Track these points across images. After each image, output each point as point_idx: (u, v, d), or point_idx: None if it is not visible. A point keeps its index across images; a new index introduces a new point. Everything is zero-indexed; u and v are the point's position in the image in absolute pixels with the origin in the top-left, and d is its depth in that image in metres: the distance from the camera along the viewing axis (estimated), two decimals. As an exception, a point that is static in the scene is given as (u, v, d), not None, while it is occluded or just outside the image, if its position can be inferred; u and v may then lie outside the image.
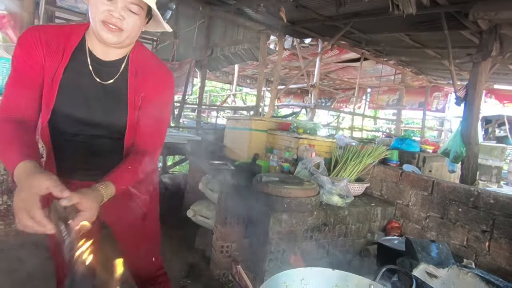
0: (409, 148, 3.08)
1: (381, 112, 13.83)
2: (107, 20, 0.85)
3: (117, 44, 0.92)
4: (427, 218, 1.77)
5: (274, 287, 0.75)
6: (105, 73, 0.98)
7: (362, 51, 5.92)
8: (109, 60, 0.98)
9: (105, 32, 0.86)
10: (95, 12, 0.85)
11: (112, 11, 0.85)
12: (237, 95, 10.59)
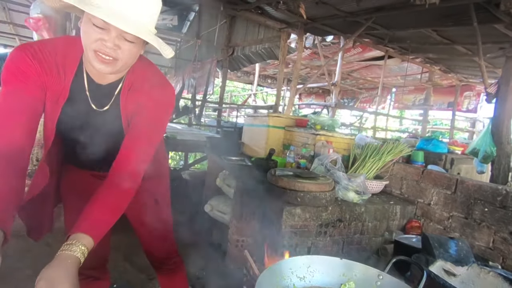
0: (435, 149, 2.94)
1: (407, 112, 13.33)
2: (100, 50, 0.77)
3: (112, 73, 0.85)
4: (449, 218, 1.69)
5: (279, 272, 0.76)
6: (101, 99, 0.93)
7: (386, 49, 5.74)
8: (105, 84, 0.92)
9: (98, 63, 0.79)
10: (86, 40, 0.78)
11: (106, 40, 0.76)
12: (258, 95, 10.62)
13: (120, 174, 0.88)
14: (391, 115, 9.65)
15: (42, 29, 3.21)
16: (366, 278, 0.80)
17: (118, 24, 0.73)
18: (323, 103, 8.52)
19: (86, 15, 0.77)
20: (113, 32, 0.76)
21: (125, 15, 0.75)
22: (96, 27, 0.75)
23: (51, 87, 0.86)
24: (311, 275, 0.80)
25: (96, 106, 0.93)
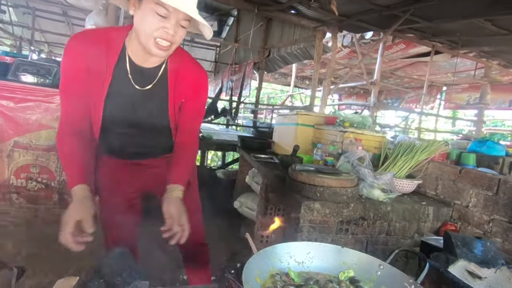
0: (490, 152, 2.66)
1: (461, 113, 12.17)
2: (162, 36, 0.88)
3: (164, 57, 0.99)
4: (490, 222, 1.53)
5: (275, 255, 0.77)
6: (144, 80, 1.04)
7: (433, 43, 5.33)
8: (148, 67, 1.03)
9: (156, 49, 0.90)
10: (148, 28, 0.87)
11: (167, 28, 0.87)
12: (296, 97, 10.55)
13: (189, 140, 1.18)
14: (441, 115, 8.88)
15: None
16: (366, 267, 0.77)
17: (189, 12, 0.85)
18: (361, 103, 8.17)
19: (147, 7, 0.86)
20: (173, 20, 0.87)
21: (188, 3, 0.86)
22: (159, 16, 0.86)
23: (98, 68, 0.98)
24: (310, 261, 0.80)
25: (139, 86, 1.04)
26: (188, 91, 1.11)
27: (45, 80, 2.26)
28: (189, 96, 1.12)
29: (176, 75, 1.07)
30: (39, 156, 2.33)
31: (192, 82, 1.11)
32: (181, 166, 1.14)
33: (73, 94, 1.02)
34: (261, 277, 0.70)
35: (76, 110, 1.04)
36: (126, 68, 1.01)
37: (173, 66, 1.06)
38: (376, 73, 5.22)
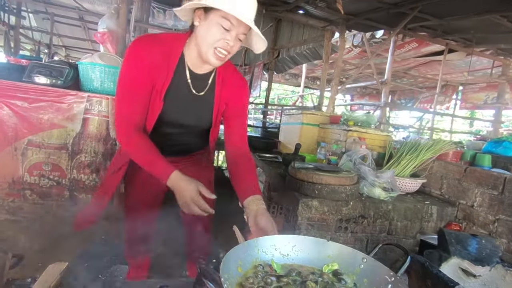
0: (507, 152, 2.57)
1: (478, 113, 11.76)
2: (222, 47, 0.96)
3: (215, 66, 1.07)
4: (495, 222, 1.49)
5: (260, 247, 0.78)
6: (199, 85, 1.13)
7: (446, 42, 5.19)
8: (201, 73, 1.12)
9: (214, 58, 0.99)
10: (211, 39, 0.96)
11: (228, 40, 0.96)
12: (307, 97, 10.49)
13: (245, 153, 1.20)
14: (457, 115, 8.62)
15: (107, 42, 3.70)
16: (350, 260, 0.77)
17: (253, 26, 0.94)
18: (372, 103, 8.04)
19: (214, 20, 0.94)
20: (234, 33, 0.96)
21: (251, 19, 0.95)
22: (223, 29, 0.94)
23: (159, 73, 1.04)
24: (296, 254, 0.81)
25: (196, 91, 1.12)
26: (231, 97, 1.18)
27: (57, 81, 2.35)
28: (232, 101, 1.19)
29: (221, 82, 1.16)
30: (51, 154, 2.43)
31: (234, 88, 1.18)
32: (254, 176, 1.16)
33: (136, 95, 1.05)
34: (244, 267, 0.72)
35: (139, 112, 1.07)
36: (185, 74, 1.09)
37: (221, 72, 1.15)
38: (387, 73, 5.13)
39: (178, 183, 1.02)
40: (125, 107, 1.06)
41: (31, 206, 2.52)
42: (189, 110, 1.15)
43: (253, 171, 1.17)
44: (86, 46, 7.54)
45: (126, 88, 1.05)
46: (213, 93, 1.15)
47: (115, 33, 3.73)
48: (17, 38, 5.10)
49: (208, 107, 1.16)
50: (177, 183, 1.02)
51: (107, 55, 2.67)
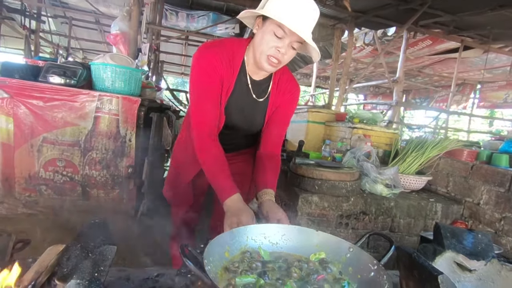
0: None
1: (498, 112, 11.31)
2: (274, 54, 0.98)
3: (270, 72, 1.10)
4: (502, 220, 1.45)
5: (249, 234, 0.80)
6: (258, 91, 1.16)
7: (462, 38, 5.04)
8: (259, 80, 1.15)
9: (267, 65, 1.01)
10: (264, 46, 0.98)
11: (280, 47, 0.97)
12: (319, 97, 10.41)
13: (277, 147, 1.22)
14: (475, 115, 8.32)
15: (119, 44, 3.82)
16: (337, 250, 0.78)
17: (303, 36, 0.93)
18: (383, 101, 7.89)
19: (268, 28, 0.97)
20: (287, 41, 0.97)
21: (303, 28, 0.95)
22: (276, 37, 0.96)
23: (225, 79, 1.09)
24: (284, 242, 0.82)
25: (256, 97, 1.16)
26: (282, 102, 1.20)
27: (70, 81, 2.44)
28: (282, 105, 1.21)
29: (276, 88, 1.18)
30: (64, 151, 2.52)
31: (286, 95, 1.20)
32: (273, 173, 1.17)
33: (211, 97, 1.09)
34: (231, 253, 0.74)
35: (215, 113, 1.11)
36: (246, 80, 1.13)
37: (276, 79, 1.18)
38: (399, 71, 5.03)
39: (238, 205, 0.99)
40: (200, 112, 1.10)
41: (46, 200, 2.63)
42: (247, 115, 1.18)
43: (276, 170, 1.18)
44: (102, 48, 7.78)
45: (201, 94, 1.09)
46: (268, 97, 1.18)
47: (127, 34, 3.84)
48: (37, 41, 5.33)
49: (262, 111, 1.19)
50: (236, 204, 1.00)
51: (118, 56, 2.75)
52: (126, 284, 0.96)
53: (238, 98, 1.14)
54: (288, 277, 0.67)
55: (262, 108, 1.18)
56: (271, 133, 1.21)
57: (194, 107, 1.11)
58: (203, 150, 1.10)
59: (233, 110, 1.16)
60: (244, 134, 1.27)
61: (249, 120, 1.20)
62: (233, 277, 0.64)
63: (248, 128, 1.23)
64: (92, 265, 0.57)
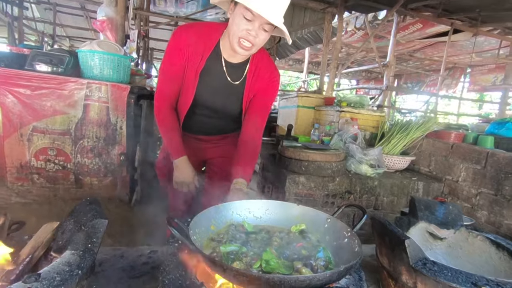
0: (510, 134, 2.55)
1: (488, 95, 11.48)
2: (244, 37, 1.00)
3: (246, 56, 1.12)
4: (477, 195, 1.53)
5: (234, 209, 0.86)
6: (234, 74, 1.18)
7: (452, 21, 5.06)
8: (235, 62, 1.17)
9: (239, 48, 1.03)
10: (235, 29, 1.00)
11: (250, 30, 0.99)
12: (311, 83, 10.40)
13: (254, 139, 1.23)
14: (465, 98, 8.44)
15: (106, 30, 3.75)
16: (316, 221, 0.84)
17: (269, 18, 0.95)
18: (373, 86, 7.94)
19: (238, 11, 0.99)
20: (257, 24, 0.99)
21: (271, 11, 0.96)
22: (245, 19, 0.98)
23: (192, 59, 1.13)
24: (268, 216, 0.88)
25: (231, 80, 1.18)
26: (260, 87, 1.22)
27: (57, 69, 2.41)
28: (260, 92, 1.23)
29: (254, 71, 1.20)
30: (55, 139, 2.52)
31: (265, 81, 1.22)
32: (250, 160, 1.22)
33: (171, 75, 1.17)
34: (217, 226, 0.79)
35: (172, 90, 1.19)
36: (221, 62, 1.16)
37: (254, 63, 1.19)
38: (389, 55, 5.05)
39: (184, 165, 1.22)
40: (161, 84, 1.20)
41: (40, 189, 2.65)
42: (220, 96, 1.22)
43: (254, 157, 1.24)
44: (89, 35, 7.59)
45: (164, 69, 1.17)
46: (245, 81, 1.20)
47: (114, 20, 3.76)
48: (20, 29, 5.17)
49: (238, 95, 1.22)
50: (183, 165, 1.22)
51: (106, 43, 2.72)
52: (120, 260, 1.01)
53: (211, 79, 1.17)
54: (269, 246, 0.72)
55: (238, 91, 1.21)
56: (250, 119, 1.23)
57: (158, 82, 1.20)
58: (161, 118, 1.21)
59: (206, 91, 1.19)
60: (223, 117, 1.30)
61: (224, 102, 1.24)
62: (217, 246, 0.69)
63: (224, 109, 1.26)
64: (85, 237, 0.62)
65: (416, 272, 0.71)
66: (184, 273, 0.61)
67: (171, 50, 1.14)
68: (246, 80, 1.20)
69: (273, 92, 1.26)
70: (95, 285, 0.82)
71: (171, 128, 1.22)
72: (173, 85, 1.18)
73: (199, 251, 0.57)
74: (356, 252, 0.65)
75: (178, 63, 1.13)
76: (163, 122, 1.23)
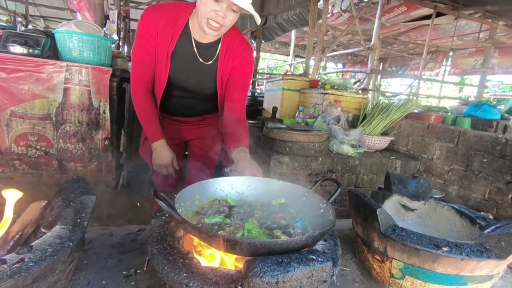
0: (486, 115, 2.68)
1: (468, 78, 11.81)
2: (212, 18, 1.00)
3: (216, 36, 1.11)
4: (450, 172, 1.63)
5: (216, 185, 0.90)
6: (205, 55, 1.18)
7: (435, 4, 5.12)
8: (206, 43, 1.16)
9: (208, 29, 1.03)
10: (203, 10, 1.00)
11: (218, 11, 0.99)
12: (298, 66, 10.37)
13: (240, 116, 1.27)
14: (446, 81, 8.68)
15: (84, 10, 3.59)
16: (295, 195, 0.89)
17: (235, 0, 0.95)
18: (358, 69, 8.02)
19: None
20: (224, 4, 0.99)
21: None
22: (213, 0, 0.98)
23: (162, 40, 1.13)
24: (250, 192, 0.93)
25: (203, 60, 1.18)
26: (235, 66, 1.23)
27: (34, 50, 2.32)
28: (235, 69, 1.24)
29: (226, 51, 1.20)
30: (36, 124, 2.46)
31: (238, 58, 1.22)
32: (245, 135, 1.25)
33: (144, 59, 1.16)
34: (201, 201, 0.83)
35: (146, 73, 1.19)
36: (191, 43, 1.15)
37: (225, 43, 1.20)
38: (374, 38, 5.09)
39: (162, 148, 1.25)
40: (135, 69, 1.20)
41: (22, 175, 2.60)
42: (193, 76, 1.22)
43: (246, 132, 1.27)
44: (65, 15, 7.22)
45: (135, 52, 1.17)
46: (217, 61, 1.21)
47: (92, 0, 3.61)
48: (-10, 8, 4.87)
49: (211, 75, 1.23)
50: (160, 148, 1.25)
51: (84, 23, 2.62)
52: (109, 238, 1.04)
53: (183, 61, 1.18)
54: (251, 217, 0.77)
55: (210, 71, 1.22)
56: (232, 98, 1.26)
57: (132, 66, 1.21)
58: (138, 102, 1.23)
59: (179, 72, 1.20)
60: (199, 97, 1.32)
61: (198, 83, 1.25)
62: (202, 218, 0.73)
63: (198, 90, 1.28)
64: (74, 213, 0.64)
65: (386, 238, 0.78)
66: (171, 243, 0.65)
67: (141, 33, 1.13)
68: (219, 60, 1.20)
69: (248, 68, 1.27)
70: (85, 261, 0.85)
71: (148, 112, 1.24)
72: (147, 68, 1.19)
73: (185, 221, 0.61)
74: (330, 220, 0.71)
75: (149, 45, 1.13)
76: (140, 106, 1.24)
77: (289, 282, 0.52)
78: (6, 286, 0.46)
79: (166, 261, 0.61)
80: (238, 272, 0.59)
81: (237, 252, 0.59)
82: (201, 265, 0.61)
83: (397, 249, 0.77)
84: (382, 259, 0.82)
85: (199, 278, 0.57)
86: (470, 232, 0.92)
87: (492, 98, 8.45)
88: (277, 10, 5.87)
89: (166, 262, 0.60)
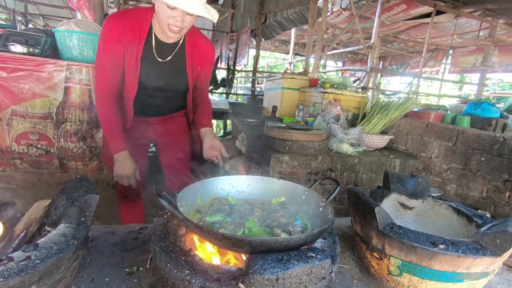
0: (485, 114, 2.68)
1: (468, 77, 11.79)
2: (172, 23, 1.07)
3: (179, 37, 1.20)
4: (448, 170, 1.64)
5: (218, 184, 0.91)
6: (164, 53, 1.24)
7: (434, 2, 5.12)
8: (171, 42, 1.23)
9: (170, 33, 1.11)
10: (162, 16, 1.07)
11: (175, 16, 1.06)
12: (298, 65, 10.35)
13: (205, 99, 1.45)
14: (446, 80, 8.67)
15: (83, 8, 3.59)
16: (295, 193, 0.91)
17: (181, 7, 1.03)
18: (358, 67, 8.02)
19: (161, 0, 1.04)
20: (180, 10, 1.05)
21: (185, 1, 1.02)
22: (168, 8, 1.05)
23: (130, 46, 1.17)
24: (250, 190, 0.94)
25: (160, 58, 1.24)
26: (202, 62, 1.34)
27: (34, 49, 2.33)
28: (203, 66, 1.36)
29: (192, 49, 1.29)
30: (36, 123, 2.47)
31: (205, 55, 1.34)
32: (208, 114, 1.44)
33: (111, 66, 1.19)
34: (202, 200, 0.84)
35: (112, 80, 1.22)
36: (152, 43, 1.21)
37: (190, 42, 1.28)
38: (373, 36, 5.09)
39: (125, 160, 1.27)
40: (100, 77, 1.21)
41: (23, 174, 2.61)
42: (160, 75, 1.27)
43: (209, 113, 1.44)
44: (65, 14, 7.20)
45: (101, 61, 1.19)
46: (183, 59, 1.28)
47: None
48: (-11, 7, 4.85)
49: (180, 71, 1.30)
50: (123, 159, 1.27)
51: (84, 22, 2.62)
52: (112, 237, 1.05)
53: (151, 62, 1.22)
54: (252, 216, 0.78)
55: (180, 68, 1.29)
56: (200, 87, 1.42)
57: (96, 75, 1.22)
58: (102, 112, 1.26)
59: (149, 73, 1.24)
60: (171, 96, 1.37)
61: (169, 82, 1.30)
62: (203, 217, 0.75)
63: (170, 88, 1.33)
64: (78, 211, 0.65)
65: (384, 236, 0.80)
66: (173, 241, 0.67)
67: (107, 40, 1.15)
68: (186, 60, 1.29)
69: (212, 63, 1.42)
70: (88, 258, 0.86)
71: (112, 123, 1.25)
72: (115, 75, 1.21)
73: (187, 219, 0.62)
74: (329, 218, 0.72)
75: (117, 52, 1.16)
76: (104, 117, 1.26)
77: (289, 278, 0.54)
78: (14, 283, 0.48)
79: (169, 258, 0.62)
80: (239, 269, 0.60)
81: (238, 250, 0.61)
82: (203, 262, 0.62)
83: (395, 247, 0.78)
84: (380, 256, 0.83)
85: (201, 275, 0.58)
86: (467, 230, 0.94)
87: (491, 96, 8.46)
88: (277, 8, 5.87)
89: (169, 259, 0.62)
